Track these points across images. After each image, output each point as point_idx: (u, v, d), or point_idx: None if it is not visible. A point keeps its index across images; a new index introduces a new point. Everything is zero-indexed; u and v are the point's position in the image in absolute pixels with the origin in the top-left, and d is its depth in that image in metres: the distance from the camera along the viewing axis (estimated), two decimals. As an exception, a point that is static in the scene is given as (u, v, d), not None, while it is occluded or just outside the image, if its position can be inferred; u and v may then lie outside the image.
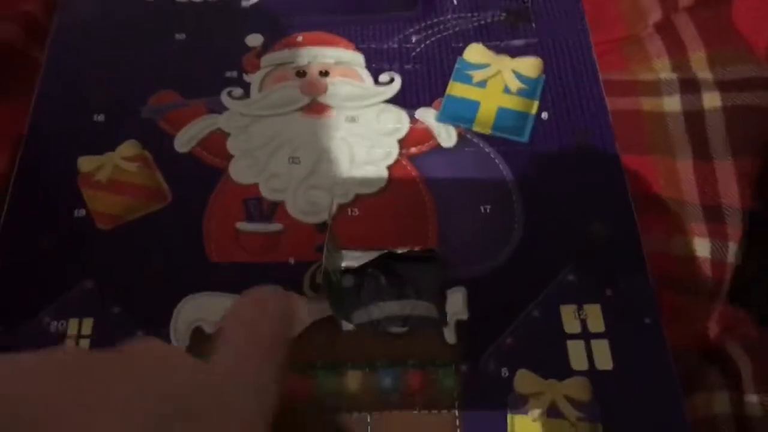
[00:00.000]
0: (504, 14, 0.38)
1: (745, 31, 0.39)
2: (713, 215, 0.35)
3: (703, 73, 0.38)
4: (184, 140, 0.33)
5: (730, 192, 0.35)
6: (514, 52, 0.36)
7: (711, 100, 0.37)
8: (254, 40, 0.36)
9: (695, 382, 0.31)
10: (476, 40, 0.37)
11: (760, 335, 0.33)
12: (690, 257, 0.34)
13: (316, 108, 0.34)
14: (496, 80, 0.35)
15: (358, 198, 0.32)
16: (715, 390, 0.31)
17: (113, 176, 0.32)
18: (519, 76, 0.36)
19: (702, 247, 0.34)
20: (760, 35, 0.40)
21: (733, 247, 0.34)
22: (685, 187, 0.36)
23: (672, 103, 0.37)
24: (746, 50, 0.39)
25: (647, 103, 0.37)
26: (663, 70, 0.38)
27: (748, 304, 0.34)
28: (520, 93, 0.35)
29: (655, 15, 0.40)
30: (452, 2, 0.38)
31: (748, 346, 0.32)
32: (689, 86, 0.37)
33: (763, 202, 0.36)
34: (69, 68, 0.35)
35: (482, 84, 0.35)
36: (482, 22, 0.38)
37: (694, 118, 0.37)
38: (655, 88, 0.38)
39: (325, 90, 0.35)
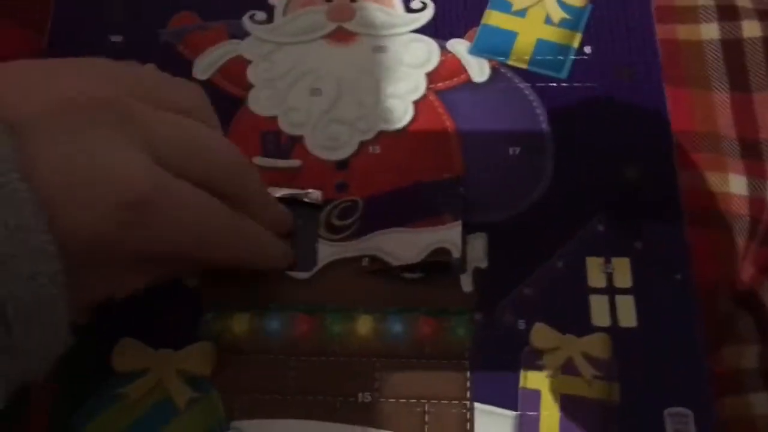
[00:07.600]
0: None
1: None
2: (751, 151, 0.33)
3: (743, 0, 0.35)
4: (203, 67, 0.32)
5: None
6: (560, -23, 0.33)
7: (750, 29, 0.34)
8: (281, -43, 0.34)
9: (725, 333, 0.30)
10: (518, -38, 0.34)
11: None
12: (725, 194, 0.32)
13: (342, 35, 0.32)
14: (537, 9, 0.33)
15: (381, 134, 0.30)
16: (746, 343, 0.29)
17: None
18: (563, 5, 0.33)
19: (738, 185, 0.32)
20: None
21: None
22: (721, 120, 0.33)
23: (710, 31, 0.35)
24: None
25: (683, 31, 0.35)
26: None
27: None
28: (562, 24, 0.32)
29: None
30: None
31: None
32: (728, 13, 0.35)
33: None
34: None
35: (522, 13, 0.33)
36: (527, -58, 0.34)
37: (732, 48, 0.34)
38: (692, 15, 0.35)
39: (352, 16, 0.33)
